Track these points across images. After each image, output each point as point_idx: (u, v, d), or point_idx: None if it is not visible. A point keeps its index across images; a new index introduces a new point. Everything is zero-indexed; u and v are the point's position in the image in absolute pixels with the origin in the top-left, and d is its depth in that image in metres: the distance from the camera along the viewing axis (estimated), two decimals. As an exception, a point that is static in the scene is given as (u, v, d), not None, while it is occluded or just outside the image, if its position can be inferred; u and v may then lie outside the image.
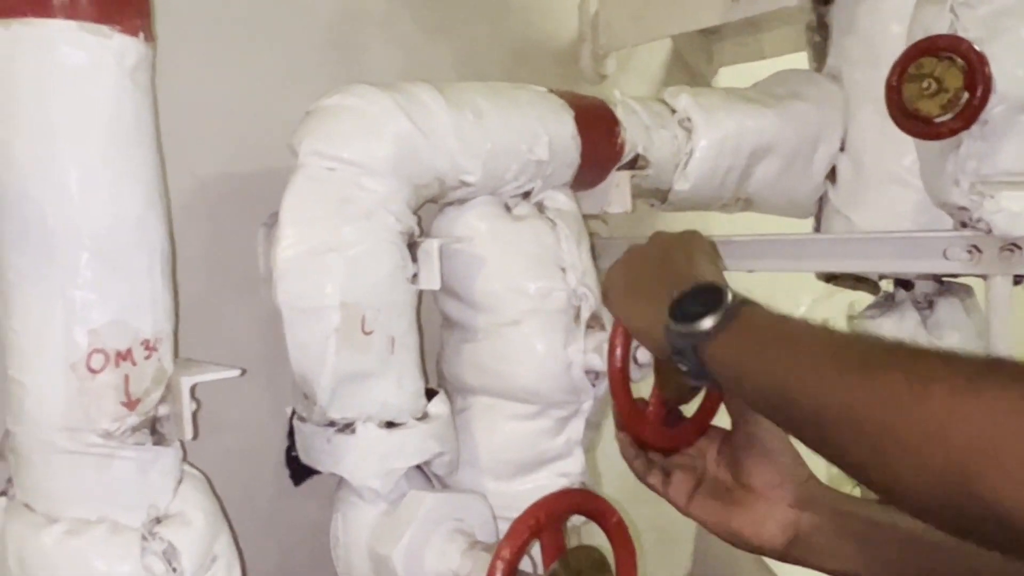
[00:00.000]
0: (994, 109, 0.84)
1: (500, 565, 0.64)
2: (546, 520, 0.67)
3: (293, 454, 0.83)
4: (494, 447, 0.88)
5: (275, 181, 0.79)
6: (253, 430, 0.95)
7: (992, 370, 0.43)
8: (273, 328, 0.92)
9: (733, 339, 0.55)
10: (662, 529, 1.48)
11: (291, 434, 0.83)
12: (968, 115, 0.81)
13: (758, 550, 0.63)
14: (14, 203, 0.60)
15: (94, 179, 0.61)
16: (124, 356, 0.62)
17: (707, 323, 0.55)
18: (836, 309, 1.82)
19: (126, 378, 0.62)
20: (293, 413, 0.82)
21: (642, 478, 0.68)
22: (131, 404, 0.63)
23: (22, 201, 0.60)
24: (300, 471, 0.86)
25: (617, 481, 1.31)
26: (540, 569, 0.70)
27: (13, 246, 0.60)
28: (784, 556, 0.62)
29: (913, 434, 0.44)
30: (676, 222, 1.37)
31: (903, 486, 0.45)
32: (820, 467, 0.62)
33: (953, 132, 0.82)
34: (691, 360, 0.57)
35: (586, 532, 0.91)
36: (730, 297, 0.56)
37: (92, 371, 0.61)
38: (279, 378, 0.95)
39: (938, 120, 0.83)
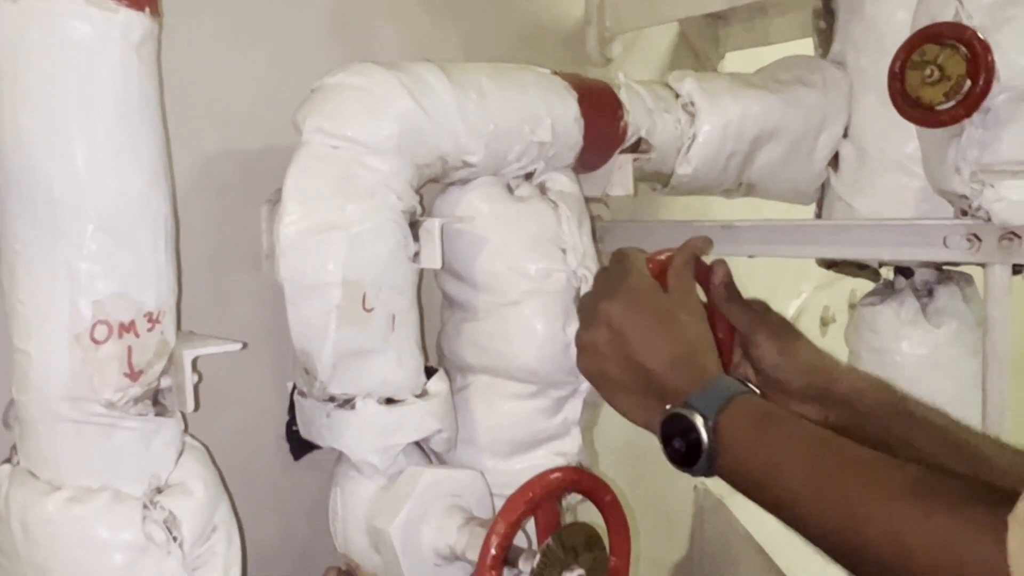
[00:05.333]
0: (997, 98, 0.84)
1: (495, 539, 0.66)
2: (541, 496, 0.68)
3: (294, 429, 0.84)
4: (492, 426, 0.89)
5: (280, 159, 0.80)
6: (254, 406, 0.97)
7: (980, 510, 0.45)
8: (275, 305, 0.92)
9: (729, 466, 0.59)
10: (659, 511, 1.49)
11: (292, 409, 0.84)
12: (970, 103, 0.81)
13: None
14: (21, 175, 0.60)
15: (100, 153, 0.61)
16: (127, 328, 0.63)
17: (699, 461, 0.60)
18: (837, 297, 1.82)
19: (129, 349, 0.63)
20: (294, 388, 0.83)
21: None
22: (134, 375, 0.64)
23: (28, 173, 0.60)
24: (300, 446, 0.87)
25: (614, 462, 1.32)
26: (535, 545, 0.71)
27: (19, 217, 0.61)
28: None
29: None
30: (677, 206, 1.38)
31: None
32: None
33: (955, 120, 0.83)
34: (706, 476, 0.62)
35: (582, 512, 0.92)
36: (699, 419, 0.59)
37: (96, 342, 0.62)
38: (281, 355, 0.96)
39: (940, 108, 0.83)
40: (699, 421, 0.59)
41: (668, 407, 0.62)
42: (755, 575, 1.42)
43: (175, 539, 0.63)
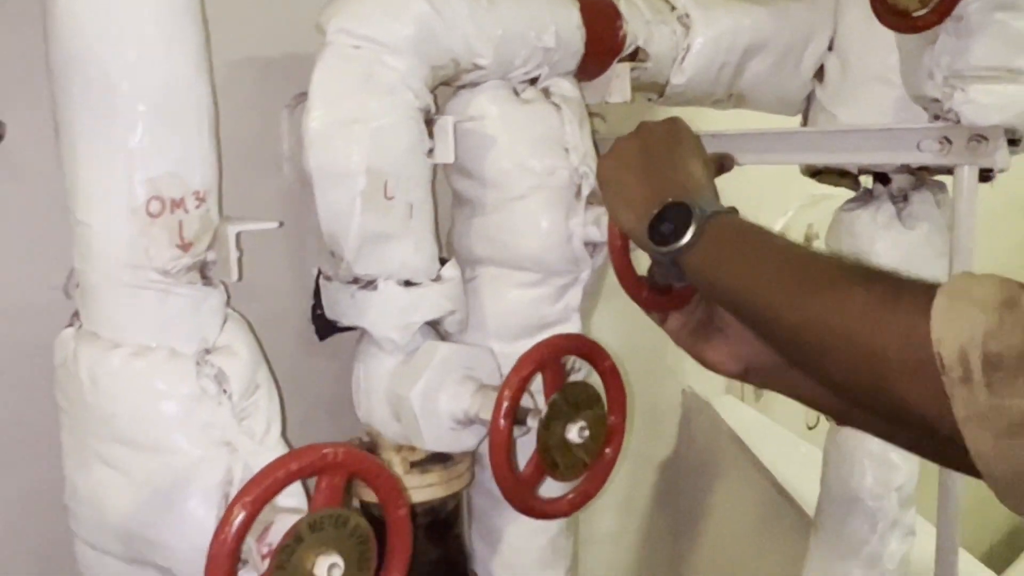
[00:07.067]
0: (969, 6, 0.91)
1: (508, 392, 0.74)
2: (548, 356, 0.77)
3: (318, 312, 0.91)
4: (500, 312, 0.96)
5: (296, 66, 0.86)
6: (275, 301, 1.03)
7: (907, 289, 0.54)
8: (294, 206, 1.00)
9: (703, 254, 0.66)
10: (649, 412, 1.59)
11: (316, 294, 0.92)
12: (943, 10, 0.88)
13: (723, 374, 0.77)
14: (80, 62, 0.67)
15: (150, 42, 0.68)
16: (178, 204, 0.70)
17: (679, 243, 0.67)
18: (821, 215, 1.90)
19: (180, 224, 0.70)
20: (319, 274, 0.90)
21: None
22: (185, 247, 0.71)
23: (87, 61, 0.66)
24: (325, 327, 0.95)
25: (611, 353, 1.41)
26: (541, 405, 0.80)
27: (80, 101, 0.67)
28: (743, 379, 0.76)
29: (842, 346, 0.56)
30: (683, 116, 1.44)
31: (837, 385, 0.59)
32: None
33: (928, 25, 0.89)
34: (670, 269, 0.69)
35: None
36: (698, 212, 0.67)
37: (151, 215, 0.69)
38: (298, 255, 1.03)
39: (916, 14, 0.90)
40: (696, 211, 0.67)
41: (670, 199, 0.69)
42: (738, 469, 1.53)
43: (225, 392, 0.71)
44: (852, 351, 0.55)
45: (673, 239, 0.67)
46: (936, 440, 0.52)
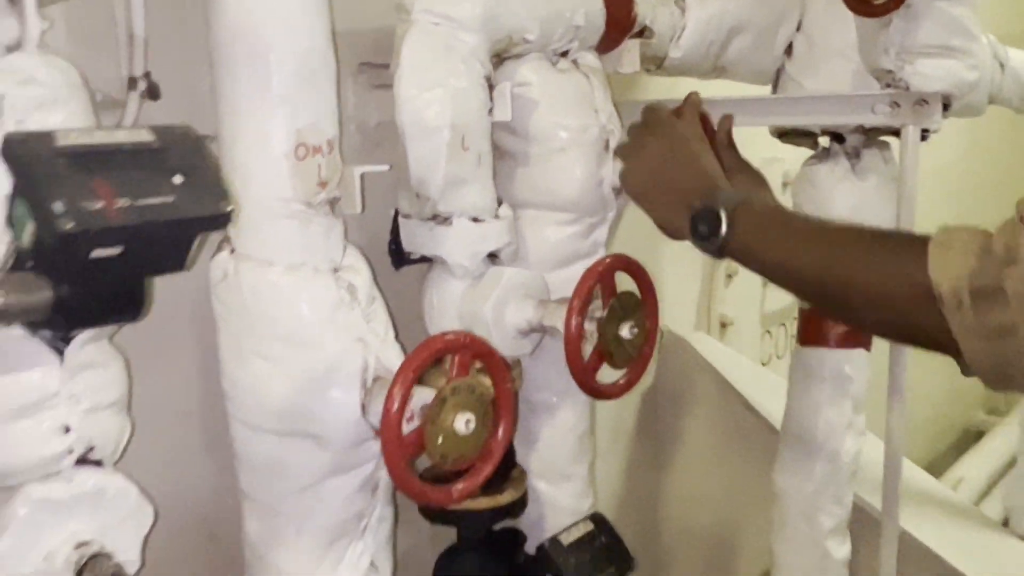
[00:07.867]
0: (916, -5, 1.14)
1: (577, 300, 0.94)
2: (605, 271, 0.97)
3: (394, 247, 1.09)
4: (539, 246, 1.15)
5: (357, 39, 1.03)
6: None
7: (905, 244, 0.75)
8: (355, 158, 1.16)
9: (738, 242, 0.86)
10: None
11: (393, 231, 1.10)
12: (897, -1, 1.11)
13: None
14: (244, 35, 0.83)
15: (298, 17, 0.85)
16: (317, 149, 0.87)
17: (717, 240, 0.87)
18: (773, 175, 2.15)
19: (319, 166, 0.87)
20: (396, 213, 1.08)
21: None
22: (323, 184, 0.88)
23: (250, 34, 0.83)
24: (400, 259, 1.12)
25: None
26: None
27: (243, 67, 0.84)
28: None
29: (865, 295, 0.78)
30: (653, 89, 1.65)
31: (863, 323, 0.86)
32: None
33: (886, 11, 1.12)
34: (718, 255, 0.89)
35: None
36: (722, 211, 0.86)
37: (298, 159, 0.86)
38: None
39: (877, 2, 1.12)
40: (722, 211, 0.87)
41: (697, 203, 0.90)
42: (713, 394, 1.76)
43: (355, 300, 0.89)
44: (874, 297, 0.77)
45: (711, 237, 0.87)
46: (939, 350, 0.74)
